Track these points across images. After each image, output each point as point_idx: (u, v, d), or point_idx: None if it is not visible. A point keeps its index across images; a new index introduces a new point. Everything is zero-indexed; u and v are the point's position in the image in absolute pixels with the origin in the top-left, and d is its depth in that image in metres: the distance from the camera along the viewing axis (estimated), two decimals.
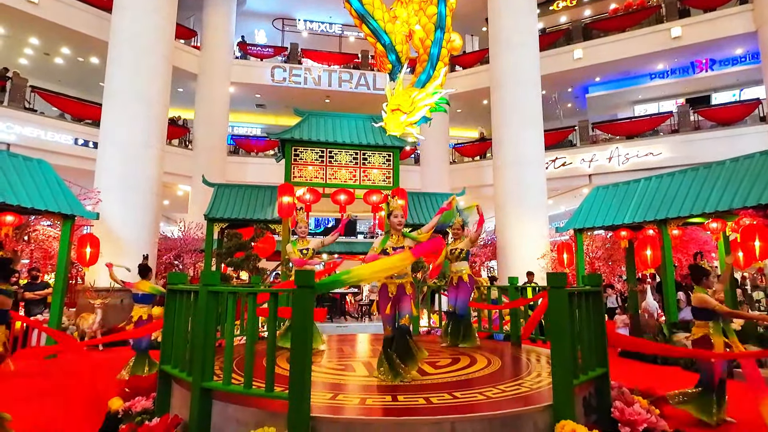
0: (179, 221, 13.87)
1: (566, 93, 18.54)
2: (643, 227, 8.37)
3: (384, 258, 3.57)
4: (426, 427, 2.52)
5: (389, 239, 3.82)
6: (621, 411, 3.03)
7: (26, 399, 4.71)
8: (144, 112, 10.87)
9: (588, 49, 16.09)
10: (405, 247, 3.69)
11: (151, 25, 11.32)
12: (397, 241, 3.80)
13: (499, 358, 4.39)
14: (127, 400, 3.60)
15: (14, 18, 12.99)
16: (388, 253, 3.69)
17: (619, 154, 15.10)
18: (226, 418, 2.81)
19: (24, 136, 12.48)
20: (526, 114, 13.06)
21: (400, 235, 3.84)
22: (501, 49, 13.66)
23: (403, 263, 3.50)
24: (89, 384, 5.48)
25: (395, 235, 3.85)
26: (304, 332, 2.60)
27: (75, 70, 16.01)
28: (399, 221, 3.87)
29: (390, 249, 3.72)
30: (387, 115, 4.46)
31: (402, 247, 3.73)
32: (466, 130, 21.36)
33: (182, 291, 3.33)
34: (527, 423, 2.72)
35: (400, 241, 3.80)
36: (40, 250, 8.70)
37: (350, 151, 9.92)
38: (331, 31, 20.73)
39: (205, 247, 10.34)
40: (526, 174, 12.74)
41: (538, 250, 11.99)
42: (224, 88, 17.07)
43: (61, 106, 14.04)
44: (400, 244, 3.77)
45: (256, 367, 2.93)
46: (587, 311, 3.33)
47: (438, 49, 4.78)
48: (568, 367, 2.84)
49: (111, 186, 10.17)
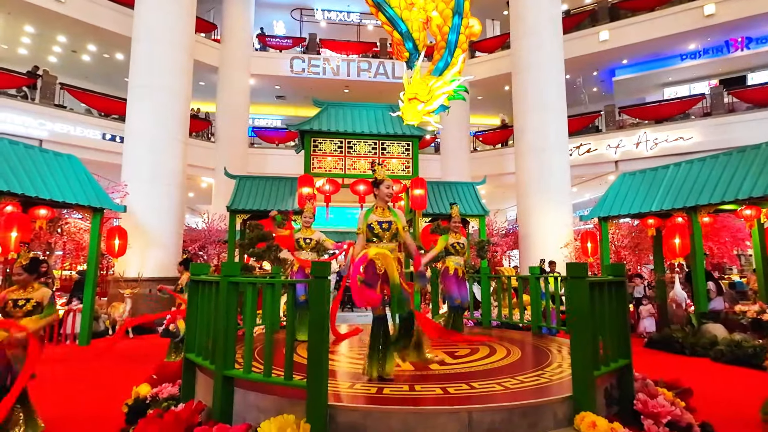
0: (203, 213, 14.18)
1: (591, 77, 17.97)
2: (671, 215, 8.08)
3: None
4: (443, 416, 2.53)
5: (372, 212, 3.49)
6: (644, 403, 2.96)
7: (62, 384, 4.95)
8: (167, 106, 11.08)
9: (615, 30, 15.51)
10: (392, 222, 3.43)
11: (171, 19, 11.47)
12: (382, 213, 3.48)
13: (520, 349, 4.35)
14: (155, 387, 3.74)
15: (43, 17, 13.40)
16: (373, 227, 3.41)
17: (647, 140, 14.59)
18: (248, 405, 2.88)
19: (55, 132, 12.94)
20: (549, 99, 12.72)
21: (386, 209, 3.50)
22: (523, 33, 13.29)
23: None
24: (120, 369, 5.71)
25: (380, 207, 3.51)
26: (321, 322, 2.63)
27: (101, 66, 16.44)
28: (389, 193, 3.53)
29: (375, 223, 3.43)
30: (404, 104, 4.41)
31: (389, 221, 3.43)
32: (487, 118, 21.01)
33: (204, 282, 3.41)
34: (546, 414, 2.69)
35: (386, 214, 3.47)
36: (72, 242, 9.04)
37: (369, 141, 9.90)
38: (349, 20, 20.60)
39: (228, 238, 10.55)
40: (549, 161, 12.45)
41: (562, 239, 11.76)
42: (244, 80, 17.23)
43: (88, 101, 14.46)
44: (386, 217, 3.45)
45: (277, 355, 2.99)
46: (609, 302, 3.25)
47: (456, 36, 4.68)
48: (588, 359, 2.79)
49: (137, 179, 10.45)
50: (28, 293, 3.48)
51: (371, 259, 3.33)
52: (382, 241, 3.43)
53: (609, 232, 9.33)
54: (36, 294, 3.48)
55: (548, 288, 5.59)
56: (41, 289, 3.54)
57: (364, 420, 2.54)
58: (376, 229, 3.43)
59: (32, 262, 3.55)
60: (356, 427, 2.54)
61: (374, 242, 3.44)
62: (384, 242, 3.43)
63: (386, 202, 3.53)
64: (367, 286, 3.25)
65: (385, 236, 3.44)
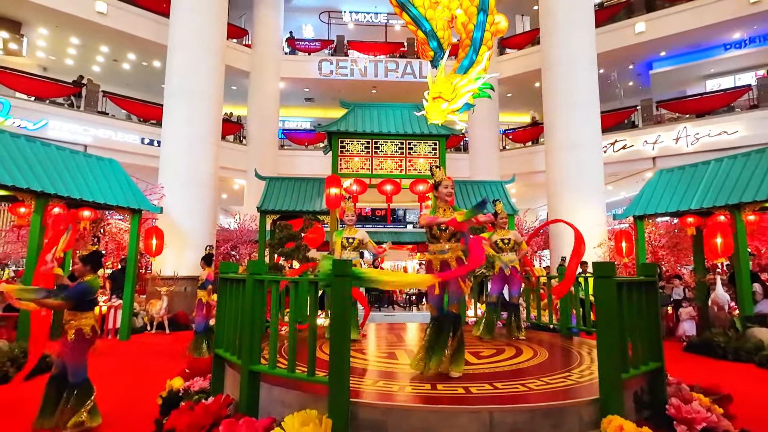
0: (235, 213, 14.59)
1: (627, 70, 17.33)
2: (712, 213, 7.70)
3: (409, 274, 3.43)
4: (464, 415, 2.52)
5: (436, 213, 3.52)
6: (677, 408, 2.84)
7: (104, 376, 5.21)
8: (201, 111, 11.49)
9: (652, 21, 14.89)
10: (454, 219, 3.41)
11: (205, 27, 11.88)
12: (444, 214, 3.49)
13: (547, 350, 4.26)
14: (188, 380, 3.89)
15: (87, 29, 14.16)
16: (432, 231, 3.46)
17: (687, 135, 13.94)
18: (272, 399, 2.96)
19: (98, 138, 13.63)
20: (581, 95, 12.37)
21: (449, 209, 3.52)
22: (553, 28, 12.98)
23: (423, 283, 3.36)
24: (156, 363, 5.96)
25: (442, 208, 3.53)
26: (343, 319, 2.67)
27: (140, 73, 17.19)
28: (449, 192, 3.54)
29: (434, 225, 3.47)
30: (428, 103, 4.40)
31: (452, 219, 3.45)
32: (517, 115, 20.63)
33: (232, 279, 3.52)
34: (572, 416, 2.63)
35: (447, 214, 3.47)
36: (113, 242, 9.50)
37: (396, 141, 9.92)
38: (376, 21, 20.70)
39: (259, 238, 10.82)
40: (581, 158, 12.10)
41: (595, 238, 11.39)
42: (275, 84, 17.60)
43: (128, 108, 15.16)
44: (449, 217, 3.45)
45: (301, 352, 3.06)
46: (639, 302, 3.14)
47: (481, 33, 4.62)
48: (615, 361, 2.71)
49: (173, 181, 10.87)
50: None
51: (429, 259, 3.51)
52: (440, 242, 3.48)
53: (645, 231, 8.98)
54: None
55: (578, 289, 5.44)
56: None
57: (385, 417, 2.56)
58: (434, 230, 3.49)
59: (91, 255, 3.71)
60: (377, 424, 2.56)
61: (432, 243, 3.51)
62: (442, 242, 3.47)
63: (446, 202, 3.56)
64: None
65: (443, 237, 3.47)
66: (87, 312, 3.60)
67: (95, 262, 3.72)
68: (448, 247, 3.45)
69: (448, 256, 3.44)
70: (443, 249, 3.46)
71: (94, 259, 3.72)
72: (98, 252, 3.90)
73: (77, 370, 3.51)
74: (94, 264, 3.71)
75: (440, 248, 3.47)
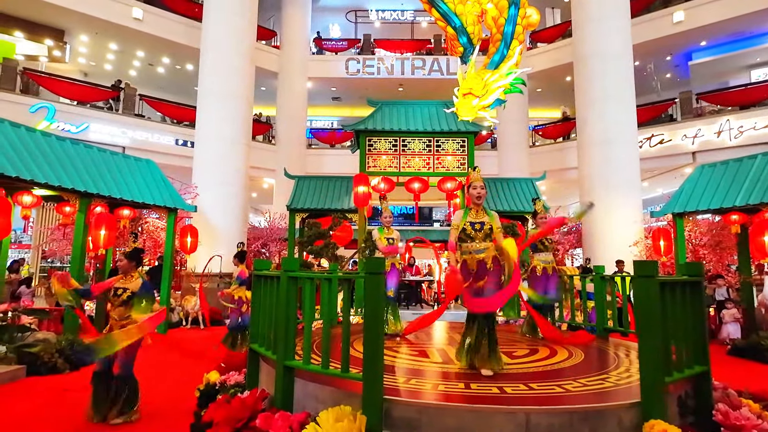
0: (265, 212, 14.87)
1: (664, 62, 16.63)
2: (759, 210, 7.30)
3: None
4: (499, 416, 2.48)
5: (468, 214, 3.56)
6: (725, 414, 2.72)
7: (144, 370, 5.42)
8: (232, 111, 11.76)
9: (691, 10, 14.23)
10: (485, 223, 3.47)
11: (235, 30, 12.15)
12: (476, 215, 3.53)
13: (583, 351, 4.15)
14: (223, 374, 4.00)
15: (125, 35, 14.73)
16: (465, 228, 3.48)
17: (730, 128, 13.27)
18: (307, 394, 3.00)
19: (135, 140, 14.17)
20: (615, 88, 11.96)
21: (480, 210, 3.56)
22: (586, 19, 12.60)
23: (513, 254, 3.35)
24: (194, 358, 6.15)
25: (474, 209, 3.57)
26: (377, 317, 2.68)
27: (174, 77, 17.75)
28: (478, 193, 3.55)
29: (467, 224, 3.49)
30: (458, 99, 4.34)
31: (482, 222, 3.47)
32: (547, 111, 20.16)
33: (266, 276, 3.59)
34: (611, 420, 2.55)
35: (480, 215, 3.53)
36: (151, 240, 9.85)
37: (423, 139, 9.87)
38: (403, 19, 20.64)
39: (288, 236, 10.99)
40: (615, 154, 11.72)
41: (630, 237, 11.03)
42: (302, 84, 17.83)
43: (163, 110, 15.68)
44: (480, 219, 3.50)
45: (335, 349, 3.08)
46: (683, 303, 3.01)
47: (512, 27, 4.52)
48: (657, 363, 2.61)
49: (206, 181, 11.18)
50: (126, 282, 3.76)
51: (464, 259, 3.51)
52: (475, 241, 3.49)
53: (685, 229, 8.62)
54: (132, 285, 3.75)
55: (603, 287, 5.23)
56: (137, 280, 3.78)
57: (419, 415, 2.55)
58: (468, 230, 3.50)
59: (134, 251, 3.87)
60: (411, 421, 2.56)
61: (467, 242, 3.51)
62: (477, 242, 3.48)
63: (478, 204, 3.57)
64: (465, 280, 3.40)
65: (478, 237, 3.49)
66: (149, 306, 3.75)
67: (138, 258, 3.89)
68: (484, 246, 3.45)
69: (484, 256, 3.44)
70: (479, 249, 3.45)
71: (137, 255, 3.88)
72: (140, 249, 4.06)
73: (127, 363, 3.66)
74: (138, 260, 3.88)
75: (476, 248, 3.46)
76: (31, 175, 6.08)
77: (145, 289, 3.76)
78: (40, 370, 5.12)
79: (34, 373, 5.08)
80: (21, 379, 4.95)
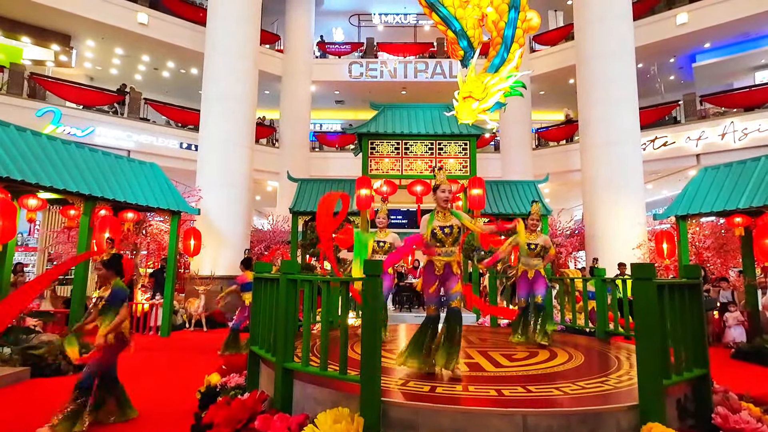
0: (269, 215, 14.93)
1: (667, 64, 16.59)
2: (763, 212, 7.27)
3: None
4: (496, 418, 2.49)
5: (435, 218, 3.51)
6: (724, 418, 2.71)
7: (146, 371, 5.46)
8: (236, 115, 11.83)
9: (695, 11, 14.18)
10: (453, 226, 3.46)
11: (239, 34, 12.24)
12: (444, 219, 3.50)
13: (582, 354, 4.14)
14: (224, 376, 4.03)
15: (130, 39, 14.88)
16: (435, 233, 3.45)
17: (734, 130, 13.20)
18: (306, 396, 3.02)
19: (140, 143, 14.28)
20: (619, 90, 11.94)
21: (447, 213, 3.52)
22: (588, 21, 12.59)
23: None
24: (195, 359, 6.19)
25: (442, 213, 3.52)
26: (374, 319, 2.70)
27: (178, 81, 17.89)
28: (446, 196, 3.50)
29: (437, 228, 3.45)
30: (459, 103, 4.36)
31: (450, 226, 3.46)
32: (550, 113, 20.13)
33: (266, 279, 3.61)
34: (609, 422, 2.55)
35: (448, 218, 3.49)
36: (155, 242, 9.91)
37: (426, 142, 9.88)
38: (405, 22, 20.71)
39: (291, 238, 11.02)
40: (618, 156, 11.69)
41: (634, 239, 10.98)
42: (306, 87, 17.91)
43: (167, 114, 15.80)
44: (447, 222, 3.47)
45: (333, 351, 3.10)
46: (682, 306, 3.01)
47: (512, 30, 4.55)
48: (656, 366, 2.60)
49: (210, 183, 11.24)
50: (105, 291, 3.60)
51: (431, 260, 3.51)
52: (445, 245, 3.49)
53: (688, 231, 8.57)
54: (107, 293, 3.58)
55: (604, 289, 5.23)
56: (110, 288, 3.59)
57: (416, 417, 2.57)
58: (438, 235, 3.49)
59: (112, 258, 3.66)
60: (408, 423, 2.57)
61: (437, 247, 3.50)
62: (446, 247, 3.49)
63: (445, 207, 3.54)
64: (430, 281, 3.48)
65: (448, 241, 3.49)
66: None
67: (117, 265, 3.66)
68: (452, 250, 3.50)
69: (451, 259, 3.51)
70: (448, 252, 3.50)
71: (116, 263, 3.66)
72: (118, 255, 3.78)
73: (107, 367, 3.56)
74: (117, 268, 3.66)
75: (444, 251, 3.50)
76: (37, 178, 6.16)
77: (113, 298, 3.54)
78: (44, 372, 5.17)
79: (39, 375, 5.13)
80: (25, 380, 5.00)
